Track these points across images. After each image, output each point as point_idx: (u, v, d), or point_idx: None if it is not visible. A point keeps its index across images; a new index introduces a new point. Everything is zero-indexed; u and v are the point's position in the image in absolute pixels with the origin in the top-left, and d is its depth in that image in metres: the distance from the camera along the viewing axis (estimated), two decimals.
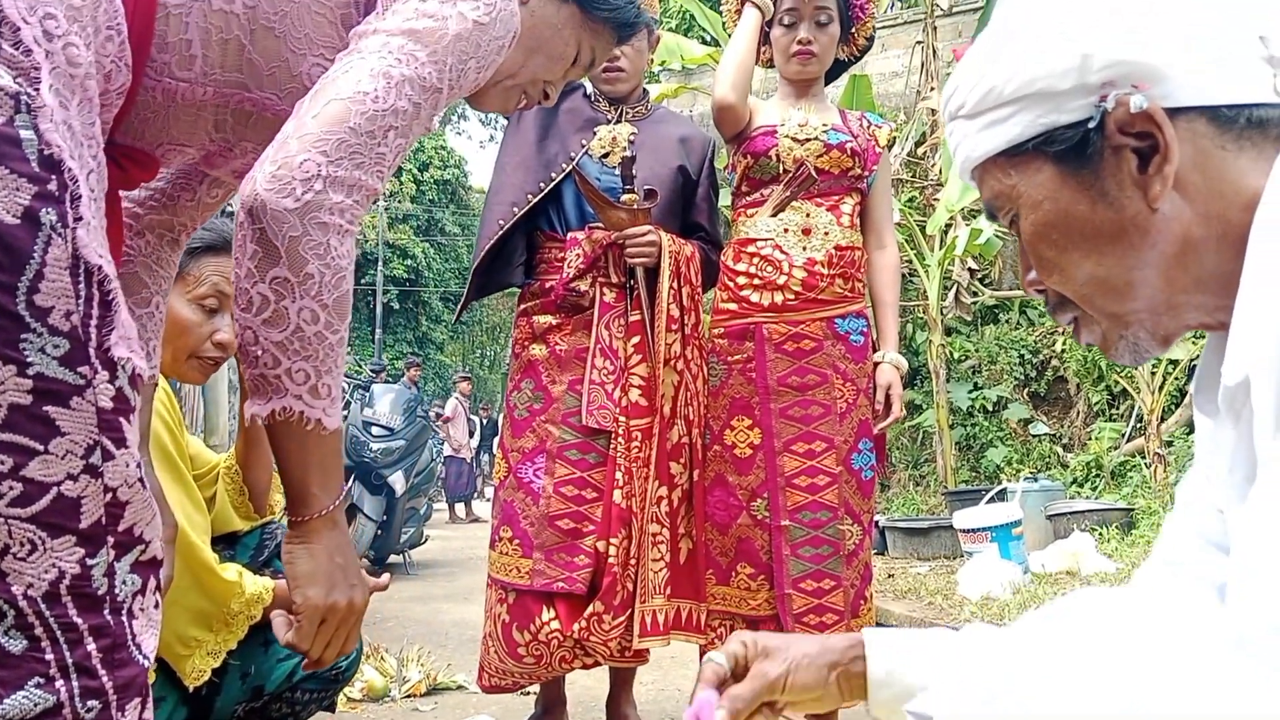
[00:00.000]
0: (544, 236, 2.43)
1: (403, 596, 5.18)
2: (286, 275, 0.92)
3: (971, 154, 0.81)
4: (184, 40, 0.96)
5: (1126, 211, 0.74)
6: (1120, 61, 0.72)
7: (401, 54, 0.98)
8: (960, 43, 9.56)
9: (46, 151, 0.77)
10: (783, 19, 2.40)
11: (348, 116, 0.94)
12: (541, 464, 2.32)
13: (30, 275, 0.76)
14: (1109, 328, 0.80)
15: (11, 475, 0.76)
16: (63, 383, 0.78)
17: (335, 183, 0.93)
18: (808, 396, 2.34)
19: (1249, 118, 0.72)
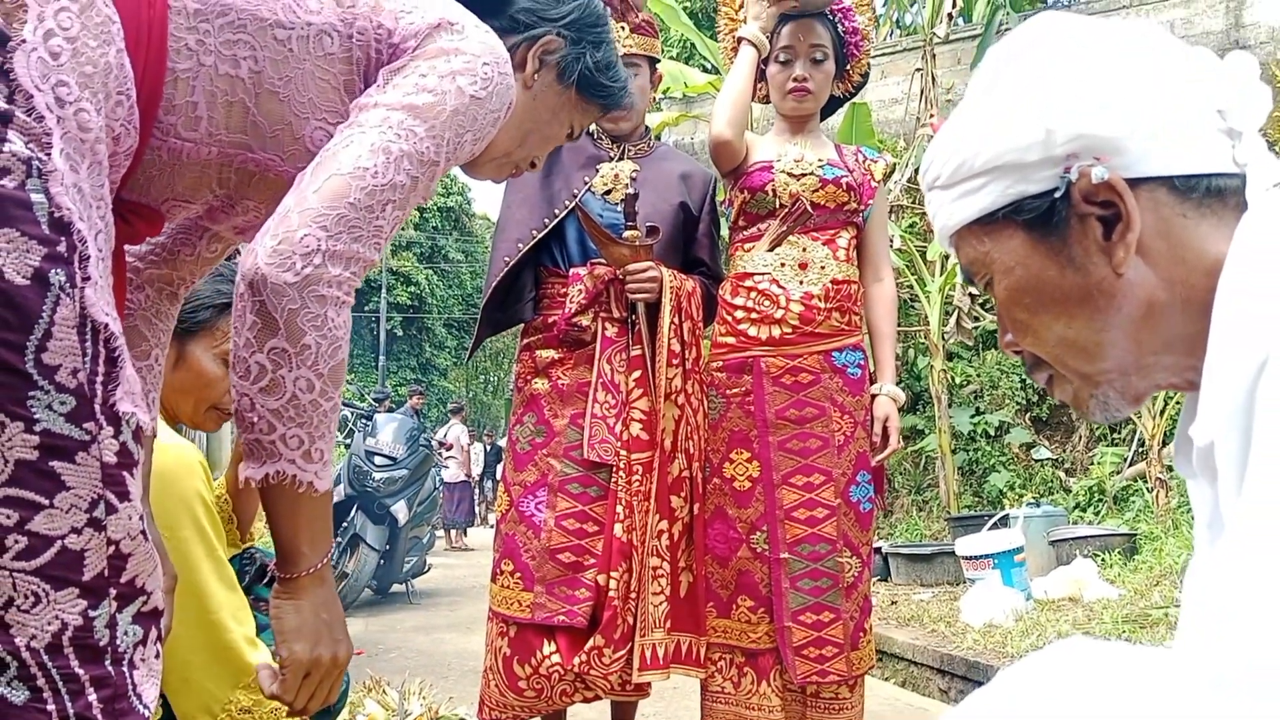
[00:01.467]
0: (547, 272, 2.46)
1: (405, 627, 5.19)
2: (284, 346, 0.95)
3: (948, 222, 0.85)
4: (190, 103, 0.98)
5: (1093, 276, 0.78)
6: (1082, 135, 0.76)
7: (401, 129, 1.00)
8: (960, 69, 9.64)
9: (57, 214, 0.80)
10: (778, 56, 2.44)
11: (348, 192, 0.97)
12: (543, 497, 2.34)
13: (39, 334, 0.78)
14: (1080, 387, 0.84)
15: (17, 529, 0.78)
16: (68, 438, 0.80)
17: (334, 257, 0.96)
18: (806, 429, 2.36)
19: (1208, 187, 0.76)
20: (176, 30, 0.96)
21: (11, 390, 0.77)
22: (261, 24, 0.99)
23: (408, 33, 1.06)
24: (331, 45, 1.03)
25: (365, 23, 1.05)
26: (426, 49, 1.05)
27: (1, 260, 0.76)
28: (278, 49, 1.01)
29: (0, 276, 0.76)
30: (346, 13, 1.04)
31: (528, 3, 1.27)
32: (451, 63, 1.05)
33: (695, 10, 10.44)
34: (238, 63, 0.99)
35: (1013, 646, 3.83)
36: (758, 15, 2.39)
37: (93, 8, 0.88)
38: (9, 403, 0.77)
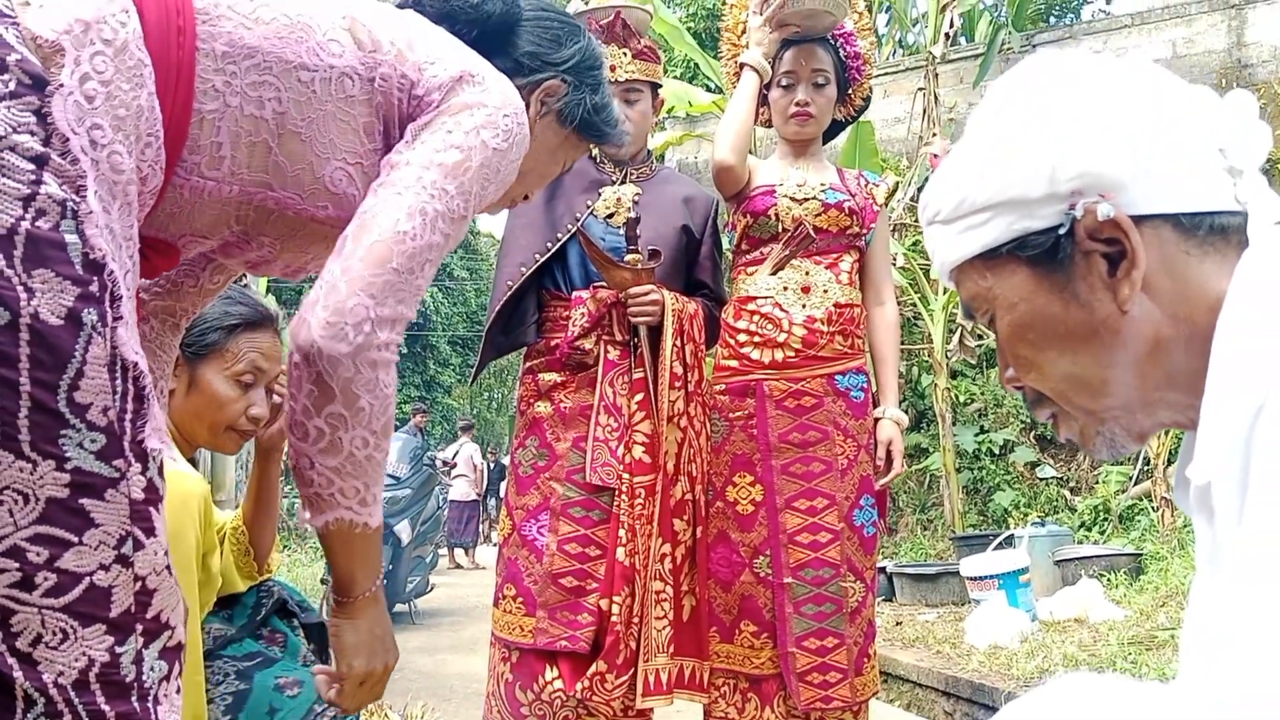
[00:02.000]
0: (549, 295, 2.46)
1: (408, 648, 5.15)
2: (341, 411, 1.00)
3: (949, 257, 0.86)
4: (215, 143, 0.99)
5: (1098, 313, 0.78)
6: (1087, 172, 0.76)
7: (434, 190, 1.04)
8: (962, 88, 9.67)
9: (90, 255, 0.82)
10: (781, 81, 2.45)
11: (390, 257, 1.01)
12: (545, 521, 2.34)
13: (71, 373, 0.80)
14: (1085, 423, 0.83)
15: (46, 566, 0.79)
16: (98, 476, 0.81)
17: (381, 322, 1.00)
18: (809, 453, 2.36)
19: (1211, 225, 0.77)
20: (204, 72, 0.97)
21: (44, 429, 0.78)
22: (287, 66, 1.01)
23: (431, 85, 1.08)
24: (353, 88, 1.05)
25: (388, 69, 1.07)
26: (451, 104, 1.08)
27: (37, 301, 0.78)
28: (301, 90, 1.02)
29: (36, 317, 0.78)
30: (368, 57, 1.06)
31: (531, 46, 1.31)
32: (475, 117, 1.08)
33: (699, 31, 10.49)
34: (262, 104, 1.01)
35: (1018, 669, 3.81)
36: (760, 41, 2.40)
37: (126, 51, 0.89)
38: (41, 441, 0.78)
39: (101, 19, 0.88)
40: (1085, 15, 13.13)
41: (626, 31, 2.42)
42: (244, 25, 0.99)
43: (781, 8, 2.35)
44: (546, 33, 1.33)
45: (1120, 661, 3.70)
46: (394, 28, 1.11)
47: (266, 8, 1.01)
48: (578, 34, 1.36)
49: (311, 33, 1.03)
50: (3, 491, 0.77)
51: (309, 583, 7.22)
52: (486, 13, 1.27)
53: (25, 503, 0.78)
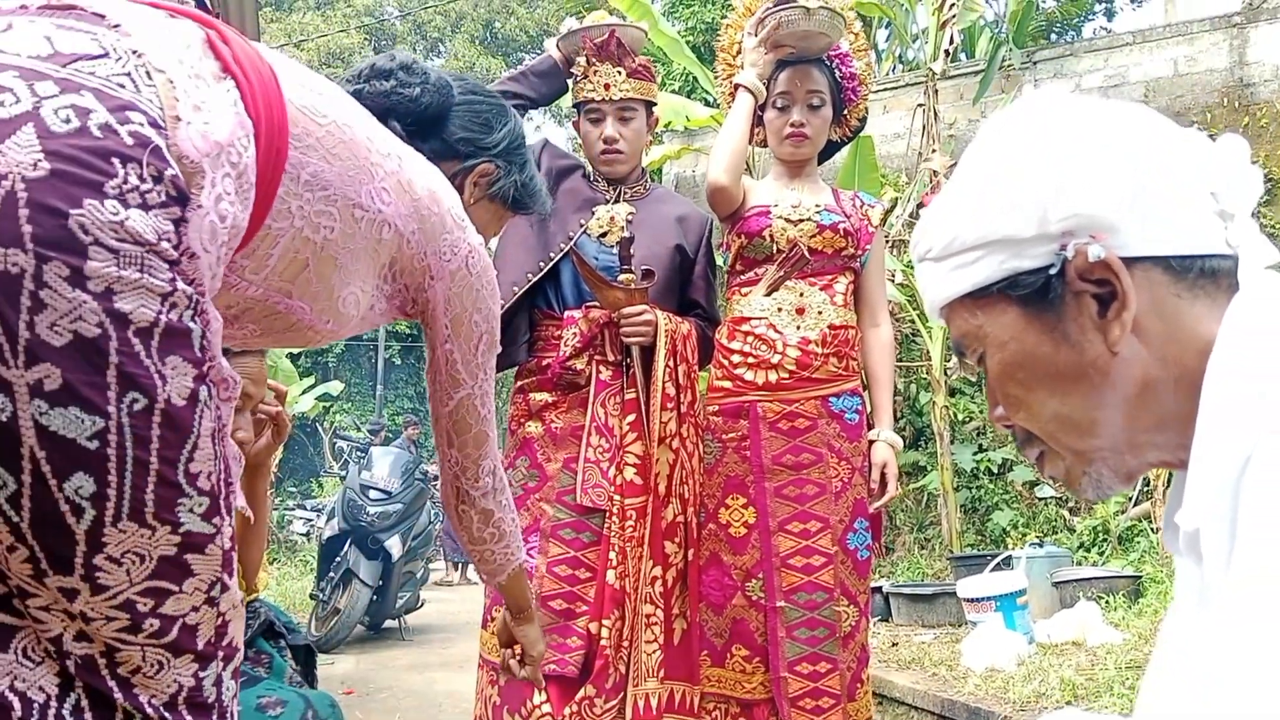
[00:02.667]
0: (541, 314, 2.44)
1: (397, 665, 5.13)
2: (500, 515, 1.49)
3: (939, 295, 0.85)
4: (268, 254, 1.06)
5: (1088, 353, 0.78)
6: (1078, 213, 0.75)
7: (486, 371, 1.39)
8: (962, 104, 9.68)
9: (204, 340, 0.90)
10: (776, 102, 2.43)
11: (487, 435, 1.42)
12: (535, 543, 2.31)
13: (189, 447, 0.88)
14: (1073, 463, 0.83)
15: (151, 613, 0.87)
16: (202, 534, 0.90)
17: (499, 465, 1.46)
18: (803, 475, 2.33)
19: (1202, 268, 0.77)
20: (284, 193, 1.03)
21: (165, 501, 0.86)
22: (348, 203, 1.10)
23: (444, 272, 1.27)
24: (387, 235, 1.17)
25: (416, 239, 1.22)
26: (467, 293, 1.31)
27: (170, 387, 0.85)
28: (351, 225, 1.11)
29: (169, 401, 0.85)
30: (406, 219, 1.20)
31: (464, 132, 1.46)
32: (485, 299, 1.34)
33: (698, 44, 10.48)
34: (319, 229, 1.08)
35: (1015, 692, 3.77)
36: (755, 62, 2.38)
37: (244, 175, 0.95)
38: (162, 510, 0.86)
39: (233, 143, 0.94)
40: (1086, 32, 13.16)
41: (621, 50, 2.40)
42: (326, 158, 1.06)
43: (776, 29, 2.34)
44: (477, 117, 1.47)
45: (1117, 686, 3.67)
46: (427, 186, 1.25)
47: (344, 145, 1.09)
48: (505, 115, 1.51)
49: (373, 178, 1.13)
50: (124, 555, 0.85)
51: (298, 597, 7.18)
52: (424, 105, 1.41)
53: (141, 563, 0.86)
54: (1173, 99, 8.61)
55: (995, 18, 10.96)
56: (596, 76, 2.40)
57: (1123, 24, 16.62)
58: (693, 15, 11.54)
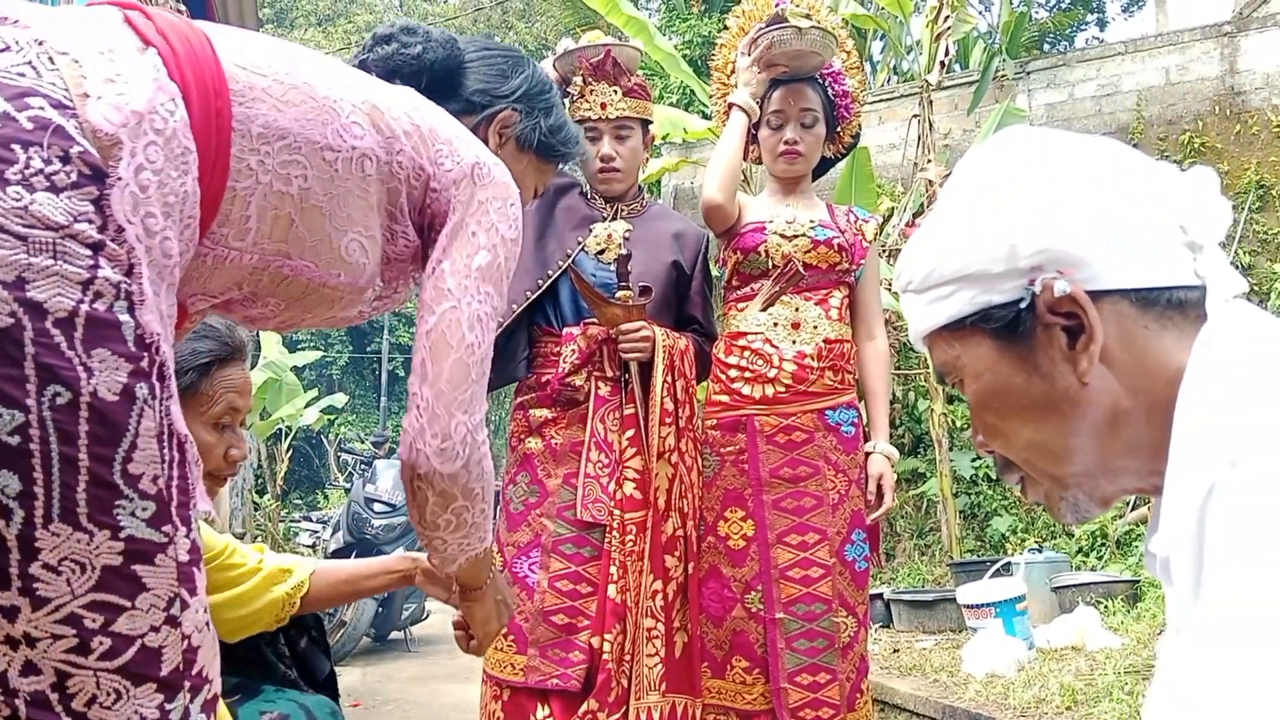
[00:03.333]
0: (540, 331, 2.47)
1: (403, 676, 5.15)
2: (463, 503, 1.18)
3: (919, 326, 0.88)
4: (244, 216, 1.04)
5: (1059, 384, 0.80)
6: (1046, 249, 0.78)
7: (480, 294, 1.17)
8: (957, 114, 9.73)
9: (140, 333, 0.86)
10: (770, 120, 2.47)
11: (469, 370, 1.15)
12: (536, 558, 2.34)
13: (125, 446, 0.84)
14: (1050, 488, 0.85)
15: (102, 631, 0.83)
16: (149, 542, 0.86)
17: (477, 427, 1.16)
18: (800, 488, 2.37)
19: (1169, 299, 0.79)
20: (239, 151, 1.01)
21: (100, 501, 0.83)
22: (314, 147, 1.07)
23: (446, 181, 1.18)
24: (370, 168, 1.12)
25: (404, 157, 1.15)
26: (469, 204, 1.19)
27: (96, 380, 0.82)
28: (325, 169, 1.08)
29: (95, 395, 0.82)
30: (387, 141, 1.13)
31: (479, 84, 1.41)
32: (491, 214, 1.19)
33: (694, 58, 10.55)
34: (290, 180, 1.05)
35: (1015, 698, 3.79)
36: (748, 82, 2.43)
37: (175, 139, 0.93)
38: (98, 513, 0.82)
39: (154, 109, 0.92)
40: (1079, 42, 13.23)
41: (617, 69, 2.45)
42: (276, 107, 1.04)
43: (769, 49, 2.38)
44: (491, 69, 1.42)
45: (1116, 691, 3.69)
46: (410, 112, 1.18)
47: (296, 90, 1.07)
48: (522, 64, 1.45)
49: (336, 115, 1.09)
50: (62, 562, 0.81)
51: None
52: (429, 61, 1.36)
53: (83, 571, 0.82)
54: (1165, 107, 8.67)
55: (988, 28, 11.02)
56: (593, 96, 2.45)
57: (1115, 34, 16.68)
58: (689, 30, 11.61)
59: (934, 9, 7.80)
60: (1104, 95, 8.94)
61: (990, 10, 11.71)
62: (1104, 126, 9.00)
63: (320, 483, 15.51)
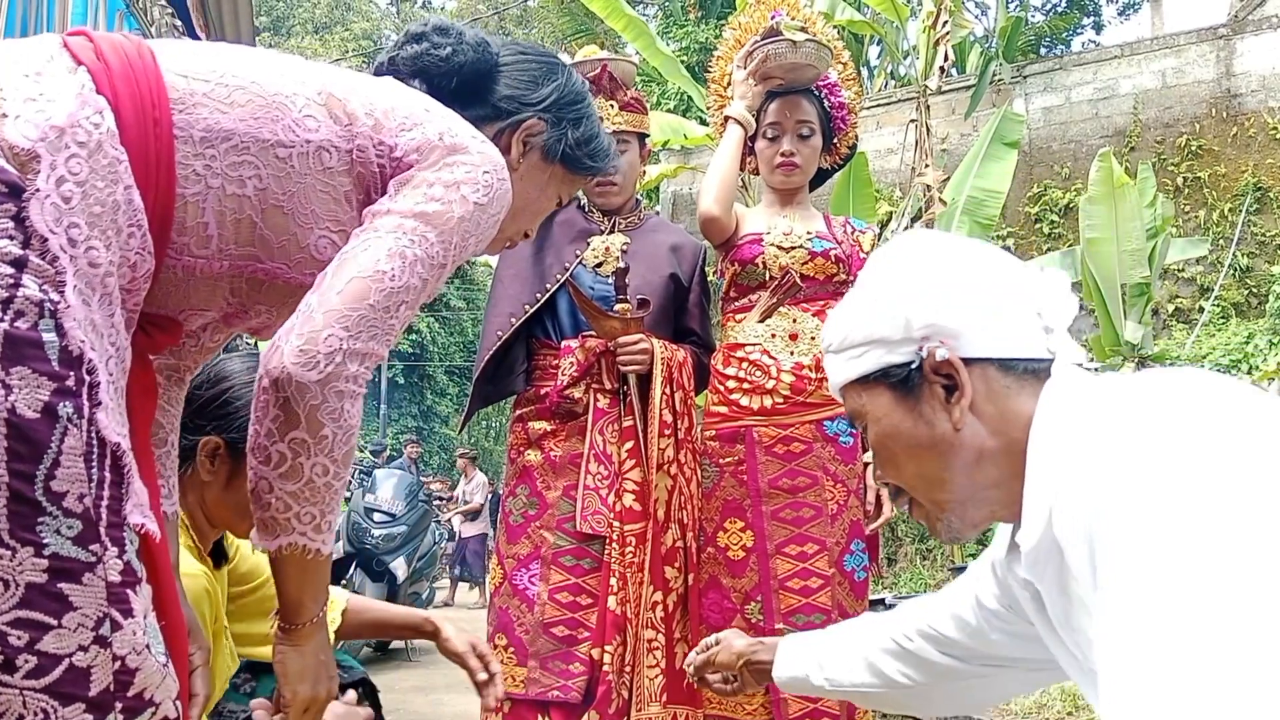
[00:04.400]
0: (539, 344, 2.48)
1: (404, 686, 5.14)
2: (304, 437, 1.02)
3: (837, 379, 1.11)
4: (201, 223, 1.03)
5: (938, 429, 1.03)
6: (932, 324, 1.02)
7: (415, 235, 1.08)
8: (954, 119, 9.74)
9: (68, 349, 0.86)
10: (766, 132, 2.48)
11: (367, 294, 1.04)
12: (536, 570, 2.34)
13: (48, 463, 0.84)
14: (931, 511, 1.08)
15: (27, 649, 0.82)
16: (75, 560, 0.85)
17: (353, 355, 1.03)
18: (799, 499, 2.37)
19: (1025, 367, 1.02)
20: (184, 158, 1.00)
21: (22, 517, 0.83)
22: (263, 145, 1.05)
23: (409, 147, 1.12)
24: (331, 160, 1.09)
25: (365, 140, 1.10)
26: (430, 160, 1.12)
27: (14, 397, 0.82)
28: (279, 166, 1.06)
29: (13, 411, 0.82)
30: (345, 129, 1.10)
31: (508, 90, 1.34)
32: (455, 173, 1.12)
33: (693, 64, 10.58)
34: (243, 182, 1.04)
35: (1016, 704, 3.81)
36: (744, 94, 2.44)
37: (100, 150, 0.93)
38: (20, 529, 0.82)
39: (75, 123, 0.92)
40: (1075, 46, 13.25)
41: (613, 84, 2.46)
42: (219, 109, 1.03)
43: (764, 62, 2.39)
44: (523, 75, 1.36)
45: None
46: (371, 96, 1.14)
47: (242, 90, 1.05)
48: (555, 73, 1.38)
49: (287, 110, 1.07)
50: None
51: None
52: (458, 63, 1.31)
53: (6, 589, 0.82)
54: (1161, 110, 8.69)
55: (985, 33, 11.05)
56: None
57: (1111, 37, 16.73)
58: (686, 36, 11.65)
59: (931, 14, 7.82)
60: (1101, 99, 8.96)
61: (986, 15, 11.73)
62: (1101, 130, 9.02)
63: None
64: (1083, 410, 0.94)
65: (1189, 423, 0.84)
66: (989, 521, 1.07)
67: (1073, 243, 7.87)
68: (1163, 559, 0.77)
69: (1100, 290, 6.35)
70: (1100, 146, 8.69)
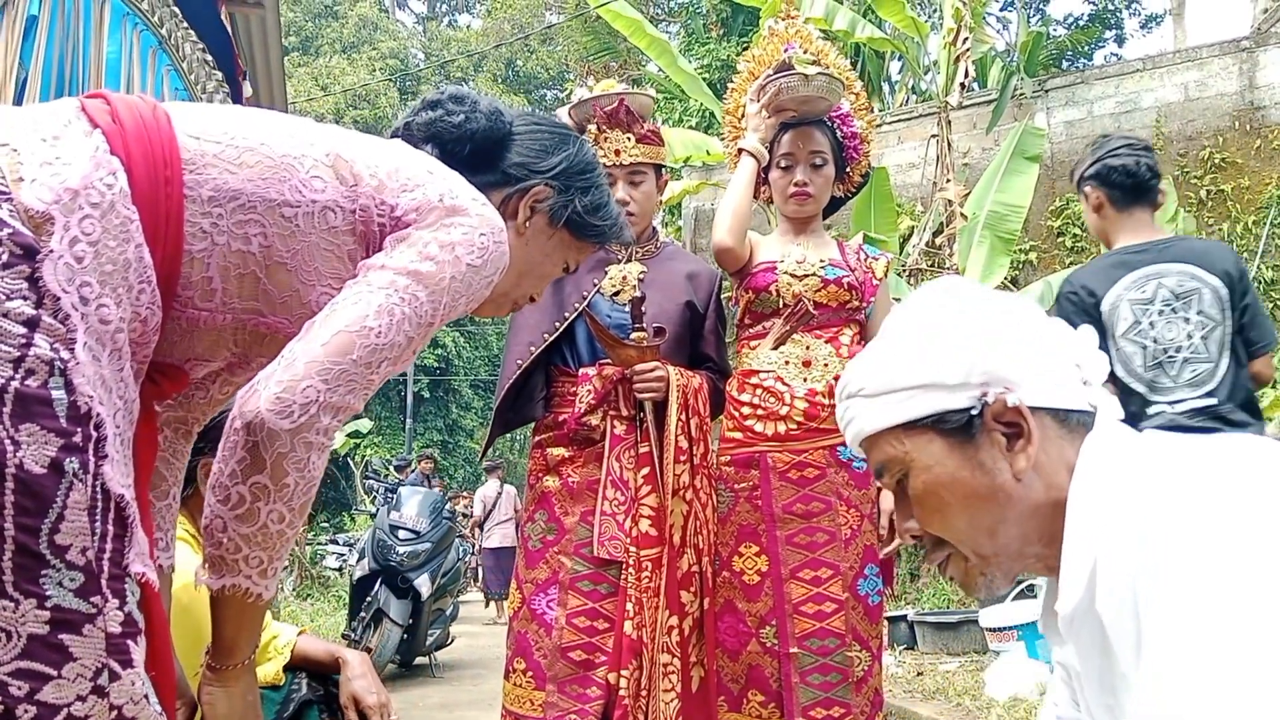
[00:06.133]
0: (558, 371, 2.53)
1: (428, 704, 5.19)
2: (267, 483, 1.02)
3: (868, 426, 1.05)
4: (206, 278, 1.07)
5: (998, 479, 0.99)
6: (994, 371, 0.99)
7: (405, 293, 1.09)
8: (975, 133, 9.73)
9: (77, 406, 0.89)
10: (780, 163, 2.53)
11: (351, 349, 1.05)
12: (554, 595, 2.39)
13: (52, 518, 0.87)
14: (975, 565, 1.03)
15: (27, 699, 0.85)
16: (76, 612, 0.88)
17: (327, 408, 1.04)
18: (813, 524, 2.40)
19: (1077, 419, 1.00)
20: (192, 216, 1.04)
21: (26, 570, 0.85)
22: (270, 204, 1.08)
23: (409, 207, 1.15)
24: (335, 220, 1.12)
25: (368, 200, 1.14)
26: (429, 219, 1.15)
27: (23, 452, 0.85)
28: (285, 225, 1.09)
29: (21, 467, 0.85)
30: (350, 190, 1.13)
31: (519, 158, 1.38)
32: (452, 234, 1.14)
33: (714, 81, 10.64)
34: (249, 239, 1.08)
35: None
36: (756, 127, 2.49)
37: (113, 210, 0.97)
38: (24, 581, 0.85)
39: (89, 184, 0.96)
40: (1097, 60, 13.20)
41: (630, 117, 2.51)
42: (229, 170, 1.06)
43: (777, 95, 2.44)
44: (535, 144, 1.40)
45: None
46: (377, 157, 1.17)
47: (251, 152, 1.08)
48: (567, 143, 1.42)
49: (295, 171, 1.10)
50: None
51: (332, 634, 7.27)
52: (470, 130, 1.34)
53: (8, 640, 0.85)
54: (1184, 123, 8.65)
55: (1006, 47, 11.03)
56: (607, 143, 2.51)
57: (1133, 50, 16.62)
58: (708, 54, 11.70)
59: (951, 30, 7.84)
60: (1123, 112, 8.92)
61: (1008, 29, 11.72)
62: None
63: (347, 504, 15.65)
64: (1123, 472, 0.94)
65: (1231, 498, 0.84)
66: (1022, 573, 1.05)
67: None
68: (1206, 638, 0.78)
69: None
70: None
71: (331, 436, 1.06)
